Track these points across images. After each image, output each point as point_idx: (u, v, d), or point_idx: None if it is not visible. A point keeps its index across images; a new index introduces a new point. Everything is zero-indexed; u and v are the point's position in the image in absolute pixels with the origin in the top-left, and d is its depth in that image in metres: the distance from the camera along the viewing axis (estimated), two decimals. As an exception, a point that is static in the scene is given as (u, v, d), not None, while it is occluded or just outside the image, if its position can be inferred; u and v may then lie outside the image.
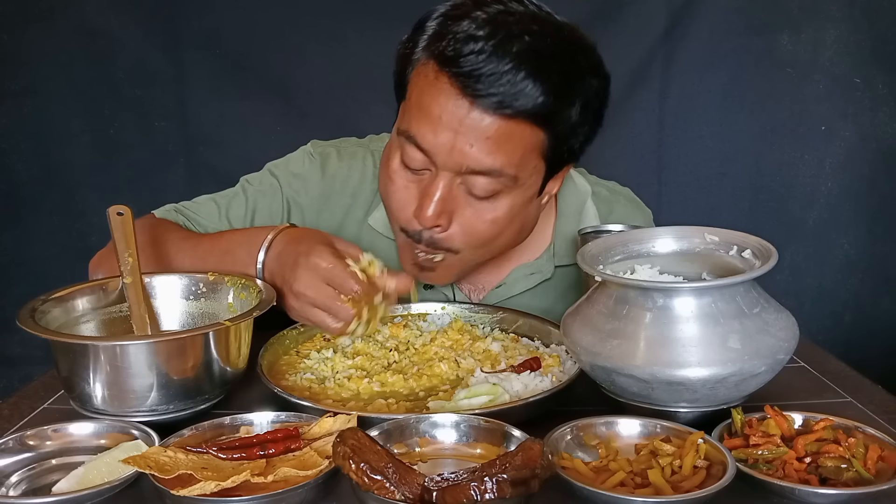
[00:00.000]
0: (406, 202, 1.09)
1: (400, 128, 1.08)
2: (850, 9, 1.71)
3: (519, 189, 1.07)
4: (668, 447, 0.78)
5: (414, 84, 1.06)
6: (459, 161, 1.02)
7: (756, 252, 0.90)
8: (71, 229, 1.78)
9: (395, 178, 1.10)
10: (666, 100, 1.76)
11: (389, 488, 0.68)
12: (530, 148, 1.04)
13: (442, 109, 1.00)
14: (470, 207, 1.07)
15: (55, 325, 0.95)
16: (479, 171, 1.03)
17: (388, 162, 1.12)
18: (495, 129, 1.00)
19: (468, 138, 1.01)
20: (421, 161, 1.05)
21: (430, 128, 1.02)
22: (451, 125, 1.01)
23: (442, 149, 1.02)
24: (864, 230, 1.81)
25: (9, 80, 1.72)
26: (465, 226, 1.08)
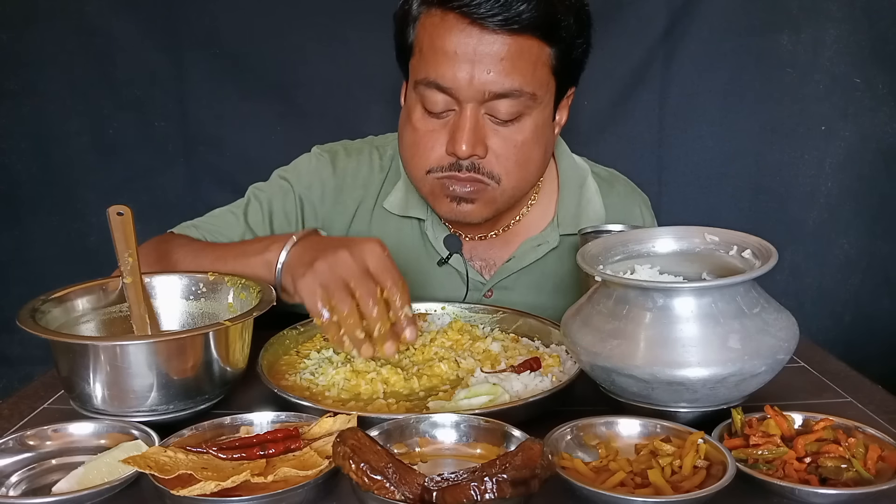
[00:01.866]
0: (435, 143, 1.14)
1: (417, 79, 1.13)
2: (850, 9, 1.70)
3: (538, 108, 1.14)
4: (668, 447, 0.78)
5: (421, 35, 1.12)
6: (482, 89, 1.08)
7: (756, 252, 0.90)
8: (70, 229, 1.78)
9: (420, 126, 1.15)
10: (666, 100, 1.76)
11: (389, 488, 0.68)
12: (541, 63, 1.11)
13: (455, 44, 1.07)
14: (498, 136, 1.13)
15: (55, 325, 0.95)
16: (501, 94, 1.09)
17: (408, 117, 1.17)
18: (507, 49, 1.07)
19: (485, 65, 1.07)
20: (443, 102, 1.11)
21: (448, 66, 1.08)
22: (466, 56, 1.07)
23: (463, 81, 1.08)
24: (864, 230, 1.81)
25: (9, 80, 1.72)
26: (498, 153, 1.14)
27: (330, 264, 0.96)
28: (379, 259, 0.97)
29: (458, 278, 1.31)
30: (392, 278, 0.97)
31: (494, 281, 1.32)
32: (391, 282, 0.96)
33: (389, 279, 0.96)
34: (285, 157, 1.48)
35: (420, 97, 1.14)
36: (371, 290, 0.95)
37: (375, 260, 0.97)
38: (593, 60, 1.74)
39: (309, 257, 0.99)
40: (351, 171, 1.34)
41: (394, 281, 0.97)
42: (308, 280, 0.97)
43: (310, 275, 0.97)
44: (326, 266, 0.96)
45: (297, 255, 1.03)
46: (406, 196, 1.32)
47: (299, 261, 1.01)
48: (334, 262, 0.96)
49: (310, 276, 0.97)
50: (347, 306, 0.94)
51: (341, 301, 0.94)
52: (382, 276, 0.96)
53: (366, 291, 0.95)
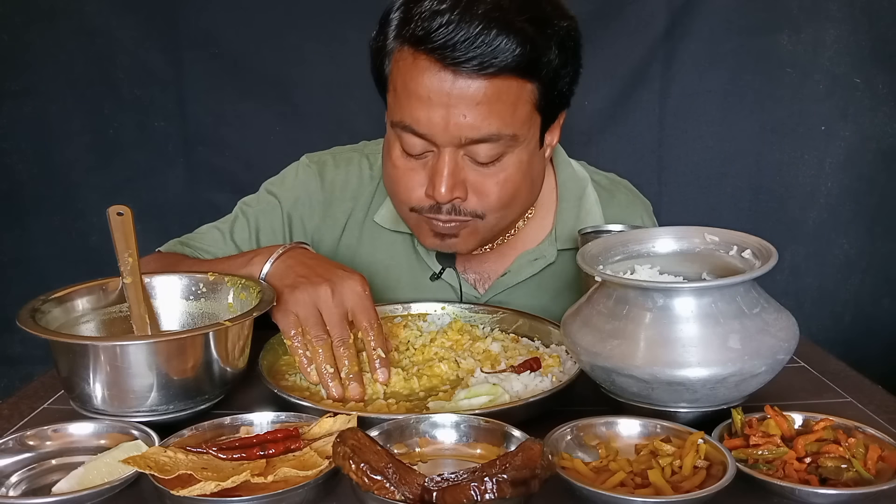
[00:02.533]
0: (415, 183, 1.11)
1: (393, 120, 1.09)
2: (850, 9, 1.71)
3: (521, 146, 1.09)
4: (668, 447, 0.78)
5: (395, 74, 1.07)
6: (457, 134, 1.03)
7: (756, 252, 0.90)
8: (71, 229, 1.78)
9: (399, 165, 1.11)
10: (666, 100, 1.76)
11: (389, 488, 0.68)
12: (522, 102, 1.05)
13: (428, 89, 1.02)
14: (478, 175, 1.09)
15: (55, 325, 0.95)
16: (478, 140, 1.04)
17: (388, 154, 1.14)
18: (483, 93, 1.01)
19: (460, 109, 1.02)
20: (421, 145, 1.07)
21: (422, 111, 1.03)
22: (440, 101, 1.02)
23: (438, 127, 1.03)
24: (864, 230, 1.81)
25: (9, 80, 1.72)
26: (480, 193, 1.10)
27: (310, 296, 0.97)
28: (359, 298, 0.97)
29: (452, 293, 1.29)
30: (368, 319, 0.97)
31: (489, 295, 1.29)
32: (367, 323, 0.97)
33: (366, 320, 0.97)
34: (285, 157, 1.48)
35: (398, 137, 1.10)
36: (345, 335, 0.96)
37: (355, 299, 0.97)
38: (593, 60, 1.74)
39: (291, 279, 1.00)
40: (340, 184, 1.31)
41: (370, 323, 0.98)
42: (285, 302, 0.98)
43: (288, 297, 0.98)
44: (307, 297, 0.97)
45: (280, 272, 1.03)
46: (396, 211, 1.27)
47: (280, 280, 1.01)
48: (315, 295, 0.97)
49: (288, 299, 0.98)
50: (321, 344, 0.96)
51: (316, 338, 0.96)
52: (359, 316, 0.97)
53: (339, 335, 0.96)
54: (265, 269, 1.05)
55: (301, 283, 0.99)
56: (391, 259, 1.29)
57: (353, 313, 0.98)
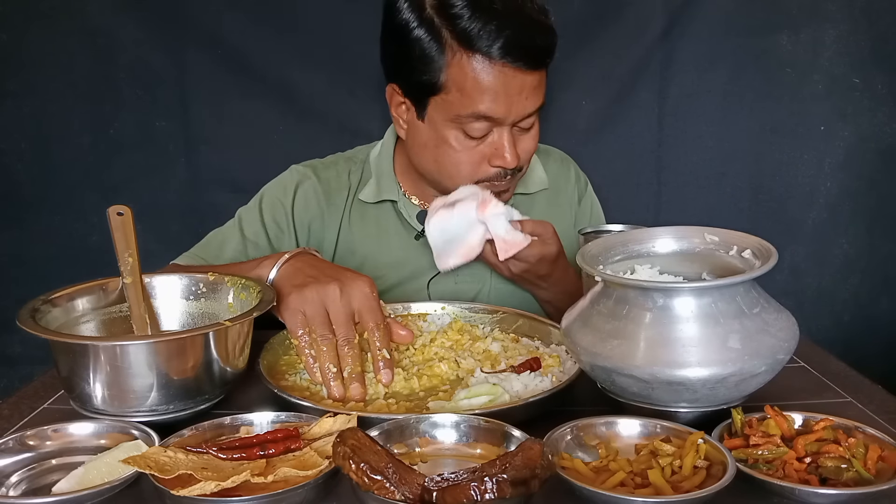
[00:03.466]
0: (480, 159, 1.29)
1: (461, 114, 1.23)
2: (849, 9, 1.70)
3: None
4: (668, 447, 0.78)
5: (458, 76, 1.21)
6: (522, 113, 1.25)
7: (756, 252, 0.90)
8: (71, 229, 1.77)
9: (459, 148, 1.28)
10: (665, 100, 1.76)
11: (389, 488, 0.68)
12: (545, 80, 1.29)
13: (500, 84, 1.21)
14: (522, 140, 1.30)
15: (55, 325, 0.95)
16: (532, 114, 1.27)
17: (443, 141, 1.28)
18: (537, 79, 1.25)
19: (524, 95, 1.23)
20: (485, 128, 1.25)
21: (496, 101, 1.22)
22: (510, 93, 1.22)
23: (508, 112, 1.23)
24: (864, 230, 1.81)
25: (9, 80, 1.71)
26: (524, 153, 1.31)
27: (319, 295, 1.00)
28: (365, 299, 1.00)
29: None
30: (375, 320, 1.00)
31: None
32: (373, 324, 1.00)
33: (372, 321, 1.00)
34: (286, 157, 1.48)
35: (461, 127, 1.25)
36: (350, 335, 0.99)
37: (361, 300, 1.00)
38: (592, 61, 1.75)
39: (300, 279, 1.04)
40: (333, 178, 1.46)
41: (376, 323, 1.00)
42: (294, 300, 1.01)
43: (297, 296, 1.01)
44: (315, 295, 1.00)
45: (288, 274, 1.07)
46: (377, 186, 1.43)
47: (289, 280, 1.05)
48: (324, 294, 1.00)
49: (296, 298, 1.01)
50: (326, 343, 0.98)
51: (322, 336, 0.99)
52: (366, 316, 1.00)
53: (345, 335, 0.99)
54: (273, 272, 1.08)
55: (310, 282, 1.02)
56: (380, 228, 1.44)
57: (360, 314, 1.00)
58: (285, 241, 1.41)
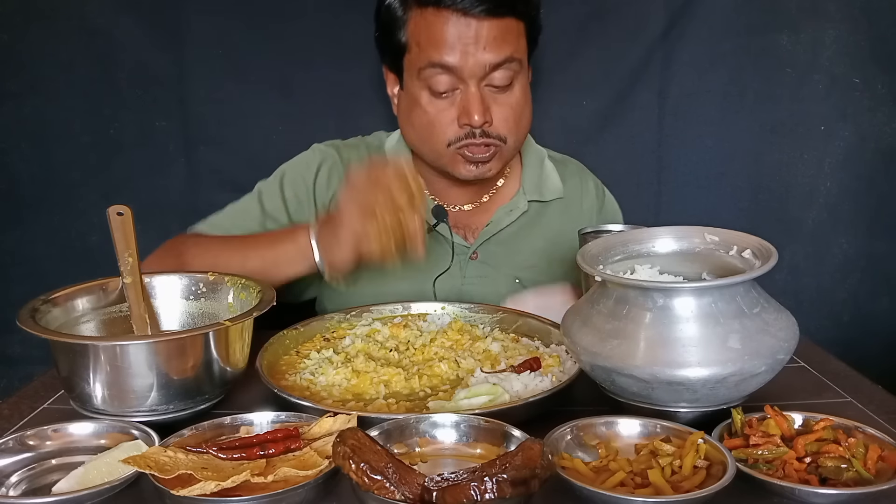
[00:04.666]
0: (448, 120, 1.31)
1: (421, 66, 1.29)
2: (849, 9, 1.70)
3: (522, 72, 1.34)
4: (668, 447, 0.78)
5: (416, 32, 1.29)
6: (482, 63, 1.26)
7: (756, 252, 0.90)
8: (71, 229, 1.77)
9: (430, 109, 1.32)
10: (665, 100, 1.76)
11: (389, 488, 0.68)
12: (519, 35, 1.31)
13: (455, 33, 1.25)
14: (497, 103, 1.31)
15: (55, 325, 0.95)
16: (497, 64, 1.27)
17: (415, 102, 1.33)
18: (497, 28, 1.26)
19: (481, 44, 1.26)
20: (447, 82, 1.28)
21: (450, 50, 1.26)
22: (465, 41, 1.25)
23: (465, 61, 1.26)
24: (863, 230, 1.81)
25: (9, 80, 1.71)
26: (501, 117, 1.31)
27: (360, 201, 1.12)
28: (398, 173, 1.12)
29: (446, 244, 1.42)
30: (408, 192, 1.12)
31: (477, 244, 1.45)
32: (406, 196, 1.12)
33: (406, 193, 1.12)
34: (286, 157, 1.48)
35: (425, 82, 1.30)
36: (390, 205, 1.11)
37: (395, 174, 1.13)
38: (593, 60, 1.75)
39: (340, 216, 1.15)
40: (354, 159, 1.47)
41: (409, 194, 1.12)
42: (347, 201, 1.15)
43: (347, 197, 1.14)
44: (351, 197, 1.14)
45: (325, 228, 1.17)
46: None
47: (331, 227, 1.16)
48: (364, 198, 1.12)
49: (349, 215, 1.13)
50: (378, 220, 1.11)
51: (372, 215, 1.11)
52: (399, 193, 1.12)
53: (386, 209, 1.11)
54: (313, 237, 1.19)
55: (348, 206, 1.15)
56: None
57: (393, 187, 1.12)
58: (304, 216, 1.41)
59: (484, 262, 1.44)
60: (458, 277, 1.42)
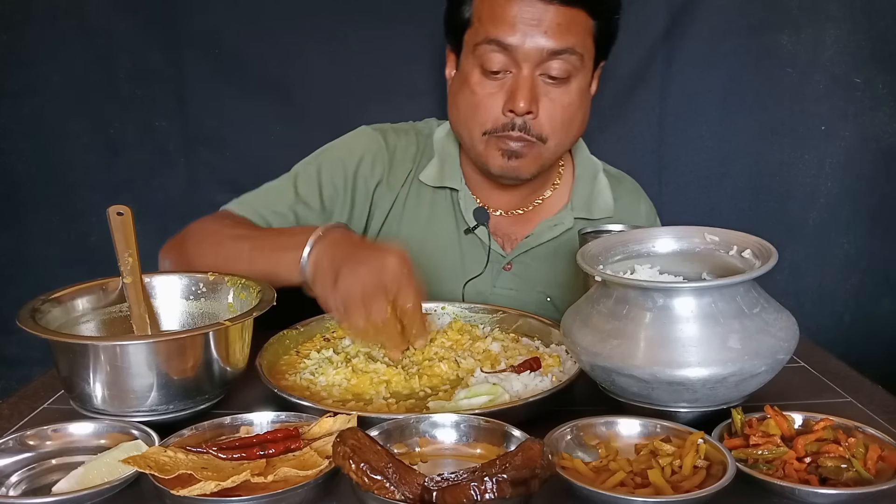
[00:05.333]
0: (493, 105, 1.25)
1: (478, 41, 1.24)
2: (850, 9, 1.70)
3: (583, 71, 1.27)
4: (668, 447, 0.78)
5: (480, 7, 1.25)
6: (540, 47, 1.21)
7: (756, 252, 0.90)
8: (71, 229, 1.77)
9: (478, 89, 1.26)
10: (666, 99, 1.76)
11: (389, 488, 0.68)
12: (587, 32, 1.25)
13: (517, 11, 1.20)
14: (548, 97, 1.25)
15: (55, 325, 0.95)
16: (556, 52, 1.21)
17: (465, 81, 1.28)
18: (562, 16, 1.20)
19: (543, 27, 1.20)
20: (502, 62, 1.23)
21: (509, 28, 1.20)
22: (527, 21, 1.20)
23: (523, 41, 1.20)
24: (864, 230, 1.81)
25: (9, 80, 1.71)
26: (548, 112, 1.25)
27: (348, 284, 1.01)
28: (396, 278, 1.01)
29: (481, 249, 1.39)
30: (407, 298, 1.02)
31: (514, 255, 1.40)
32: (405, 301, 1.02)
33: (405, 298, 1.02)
34: (285, 157, 1.48)
35: (479, 60, 1.24)
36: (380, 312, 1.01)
37: (392, 279, 1.01)
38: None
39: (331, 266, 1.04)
40: (401, 147, 1.43)
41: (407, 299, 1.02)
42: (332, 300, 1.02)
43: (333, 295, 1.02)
44: (345, 286, 1.01)
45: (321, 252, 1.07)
46: (441, 169, 1.41)
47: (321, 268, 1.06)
48: (353, 279, 1.00)
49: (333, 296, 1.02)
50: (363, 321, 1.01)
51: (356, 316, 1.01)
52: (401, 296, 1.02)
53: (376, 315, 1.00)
54: (307, 250, 1.08)
55: (340, 271, 1.02)
56: (433, 213, 1.41)
57: (393, 292, 1.01)
58: (338, 203, 1.38)
59: (517, 275, 1.40)
60: (489, 285, 1.39)
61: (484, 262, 1.37)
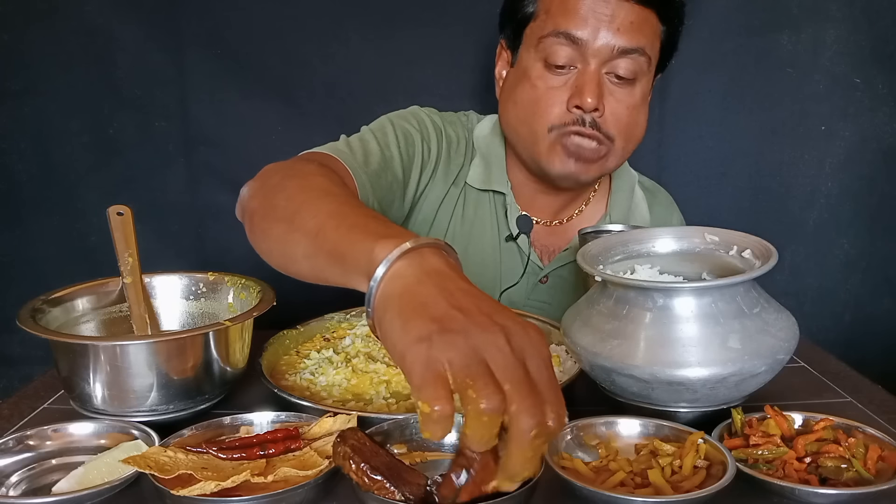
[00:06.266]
0: (557, 100, 1.20)
1: (543, 34, 1.20)
2: (850, 9, 1.70)
3: (648, 75, 1.24)
4: (668, 447, 0.78)
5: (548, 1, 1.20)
6: (610, 44, 1.17)
7: (756, 252, 0.90)
8: (71, 229, 1.77)
9: (540, 84, 1.21)
10: (666, 100, 1.76)
11: (389, 488, 0.68)
12: (656, 36, 1.22)
13: (591, 7, 1.16)
14: (613, 97, 1.21)
15: (55, 325, 0.95)
16: (626, 50, 1.18)
17: (526, 76, 1.23)
18: (635, 15, 1.17)
19: (614, 24, 1.17)
20: (568, 56, 1.19)
21: (581, 19, 1.17)
22: (597, 16, 1.16)
23: (593, 35, 1.17)
24: (864, 230, 1.81)
25: (9, 80, 1.71)
26: (614, 112, 1.21)
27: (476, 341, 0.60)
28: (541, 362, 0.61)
29: (519, 259, 1.35)
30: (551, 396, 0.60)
31: (551, 268, 1.37)
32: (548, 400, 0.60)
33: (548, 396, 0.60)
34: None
35: (543, 53, 1.20)
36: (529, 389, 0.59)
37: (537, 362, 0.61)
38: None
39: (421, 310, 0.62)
40: (454, 141, 1.36)
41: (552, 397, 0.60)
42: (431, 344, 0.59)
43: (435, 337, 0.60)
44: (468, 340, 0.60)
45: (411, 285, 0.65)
46: (486, 171, 1.35)
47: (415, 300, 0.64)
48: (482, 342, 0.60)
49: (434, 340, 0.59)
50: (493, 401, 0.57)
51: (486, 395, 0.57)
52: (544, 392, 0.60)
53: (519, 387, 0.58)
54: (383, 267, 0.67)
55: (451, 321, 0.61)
56: (476, 217, 1.36)
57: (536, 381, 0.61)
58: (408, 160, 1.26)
59: (552, 288, 1.36)
60: (523, 296, 1.35)
61: (520, 272, 1.33)
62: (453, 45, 1.70)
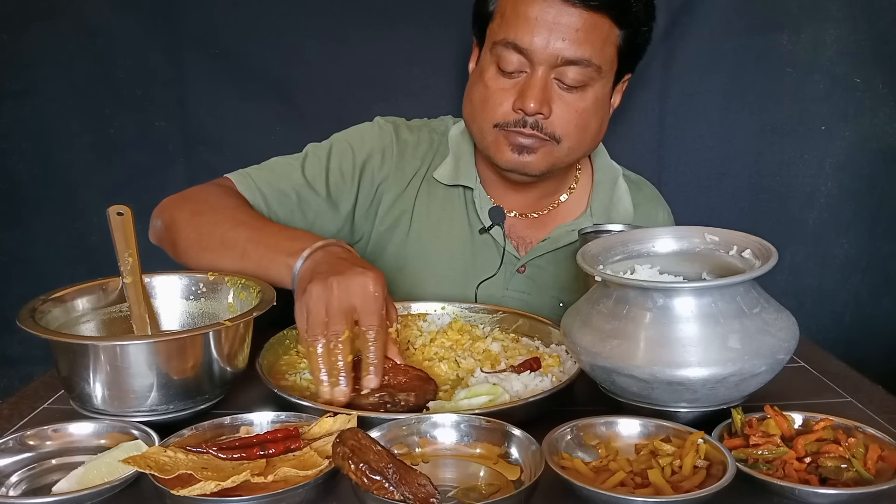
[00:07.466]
0: (504, 100, 1.24)
1: (496, 40, 1.23)
2: (850, 9, 1.70)
3: (601, 81, 1.25)
4: (668, 447, 0.78)
5: (504, 2, 1.23)
6: (555, 53, 1.19)
7: (756, 252, 0.90)
8: (71, 229, 1.77)
9: (492, 84, 1.25)
10: (666, 100, 1.76)
11: (389, 488, 0.68)
12: (609, 42, 1.22)
13: (537, 12, 1.18)
14: (562, 100, 1.23)
15: (55, 325, 0.95)
16: (571, 61, 1.20)
17: (480, 76, 1.27)
18: (583, 22, 1.18)
19: (561, 32, 1.18)
20: (517, 63, 1.22)
21: (527, 30, 1.19)
22: (545, 23, 1.18)
23: (539, 45, 1.19)
24: (864, 230, 1.81)
25: (9, 80, 1.71)
26: (562, 114, 1.23)
27: (320, 290, 0.94)
28: (367, 297, 0.94)
29: (495, 250, 1.37)
30: (370, 323, 0.94)
31: (528, 258, 1.39)
32: (367, 324, 0.94)
33: (366, 323, 0.94)
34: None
35: (496, 57, 1.24)
36: (338, 331, 0.92)
37: (363, 297, 0.94)
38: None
39: (312, 274, 0.98)
40: (412, 143, 1.41)
41: (371, 324, 0.94)
42: (300, 302, 0.97)
43: (303, 297, 0.96)
44: (318, 291, 0.94)
45: (307, 267, 1.02)
46: (456, 167, 1.39)
47: (305, 275, 1.00)
48: (323, 289, 0.94)
49: (303, 298, 0.96)
50: (315, 344, 0.93)
51: (312, 336, 0.93)
52: (363, 317, 0.94)
53: (332, 330, 0.93)
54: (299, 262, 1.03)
55: (317, 277, 0.96)
56: (444, 212, 1.39)
57: (359, 312, 0.94)
58: (345, 193, 1.36)
59: (530, 278, 1.39)
60: (501, 287, 1.38)
61: (497, 264, 1.36)
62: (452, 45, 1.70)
